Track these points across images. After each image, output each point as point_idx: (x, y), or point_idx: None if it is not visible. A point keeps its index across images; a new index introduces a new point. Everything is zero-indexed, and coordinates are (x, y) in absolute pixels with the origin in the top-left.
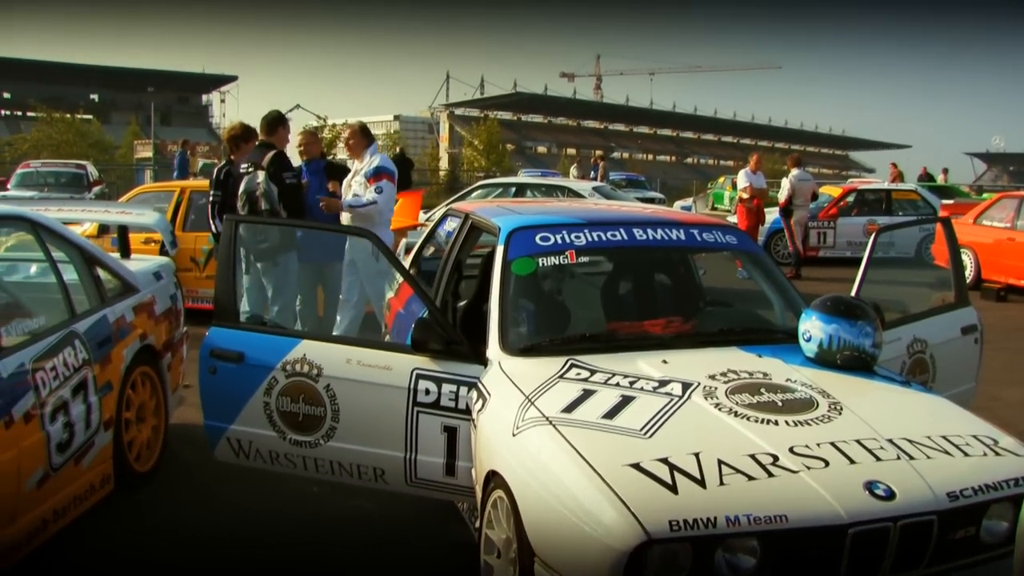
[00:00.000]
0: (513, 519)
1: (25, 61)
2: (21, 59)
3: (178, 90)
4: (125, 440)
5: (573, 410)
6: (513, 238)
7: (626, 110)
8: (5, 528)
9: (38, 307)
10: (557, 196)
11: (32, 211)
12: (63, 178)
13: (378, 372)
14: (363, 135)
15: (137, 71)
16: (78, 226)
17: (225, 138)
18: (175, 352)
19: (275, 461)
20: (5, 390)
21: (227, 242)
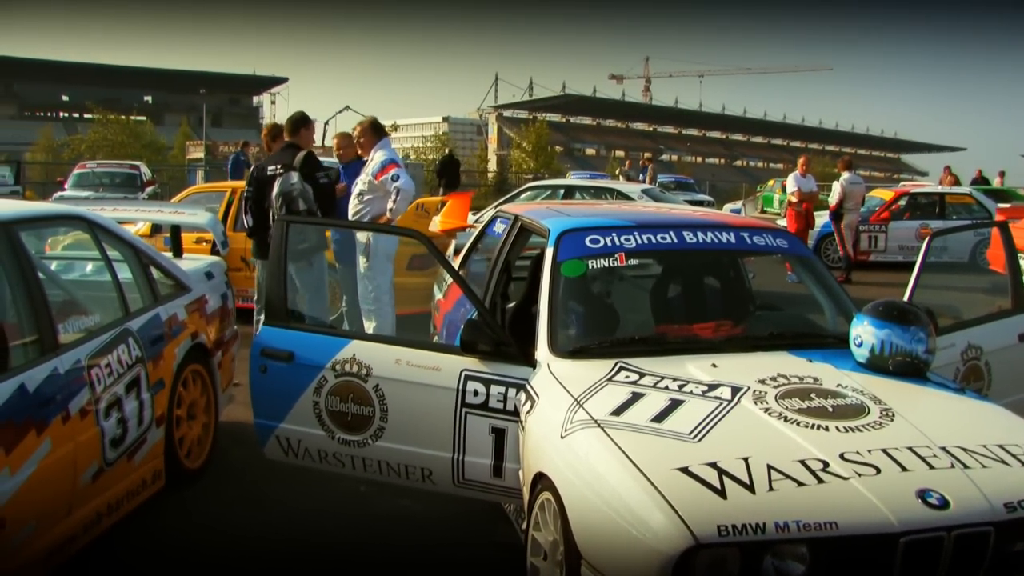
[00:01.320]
0: (560, 521)
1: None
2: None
3: (229, 92)
4: (176, 437)
5: (622, 413)
6: (563, 240)
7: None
8: (62, 520)
9: (93, 305)
10: (606, 198)
11: (88, 211)
12: (117, 178)
13: (427, 373)
14: (373, 131)
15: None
16: (132, 225)
17: (262, 137)
18: (226, 351)
19: (323, 460)
20: (62, 386)
21: (278, 243)
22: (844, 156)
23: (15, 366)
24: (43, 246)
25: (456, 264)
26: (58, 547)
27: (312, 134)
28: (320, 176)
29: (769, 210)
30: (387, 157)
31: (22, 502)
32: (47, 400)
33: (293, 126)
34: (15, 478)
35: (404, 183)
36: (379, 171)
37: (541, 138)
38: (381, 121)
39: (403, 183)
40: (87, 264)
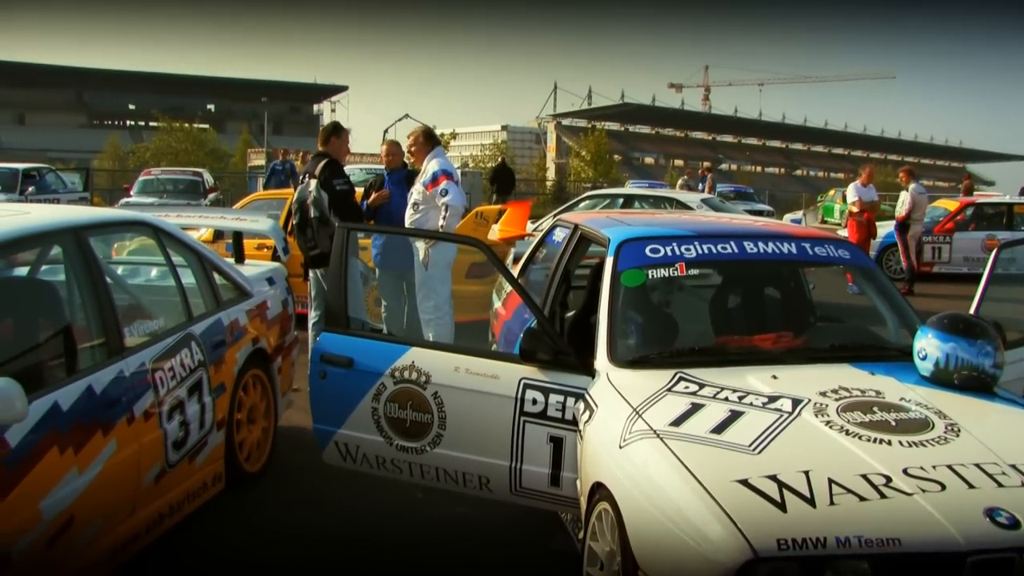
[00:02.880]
0: (618, 532)
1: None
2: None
3: (290, 100)
4: (236, 440)
5: (681, 424)
6: (623, 250)
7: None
8: (126, 519)
9: (158, 309)
10: (665, 208)
11: (154, 217)
12: (181, 185)
13: (486, 381)
14: (426, 140)
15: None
16: (195, 231)
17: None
18: (285, 356)
19: (381, 466)
20: (127, 388)
21: (339, 250)
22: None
23: (83, 368)
24: (110, 251)
25: (515, 272)
26: (122, 545)
27: (344, 144)
28: (337, 183)
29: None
30: (439, 168)
31: (89, 501)
32: (113, 402)
33: (325, 136)
34: (83, 477)
35: (452, 199)
36: (430, 182)
37: (600, 147)
38: (440, 129)
39: (451, 199)
40: (152, 269)
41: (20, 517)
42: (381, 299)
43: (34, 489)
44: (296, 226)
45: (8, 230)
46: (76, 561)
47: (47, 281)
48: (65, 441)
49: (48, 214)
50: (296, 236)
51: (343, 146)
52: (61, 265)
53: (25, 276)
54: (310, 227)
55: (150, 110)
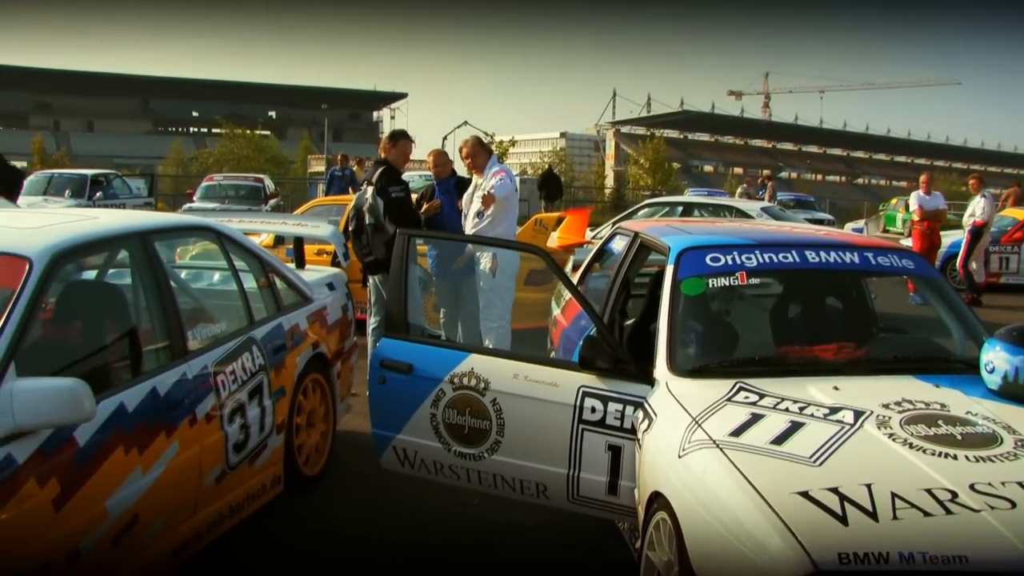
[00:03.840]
0: (675, 542)
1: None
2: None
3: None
4: (295, 444)
5: (741, 434)
6: (683, 258)
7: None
8: (188, 519)
9: (220, 313)
10: (725, 216)
11: (217, 222)
12: (242, 191)
13: (545, 388)
14: (481, 149)
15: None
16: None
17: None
18: (345, 361)
19: (439, 472)
20: (190, 391)
21: (399, 256)
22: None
23: (148, 370)
24: (173, 255)
25: (574, 280)
26: (183, 545)
27: (403, 151)
28: (393, 190)
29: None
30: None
31: (152, 500)
32: (176, 404)
33: (386, 143)
34: (147, 477)
35: (497, 188)
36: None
37: (659, 154)
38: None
39: (496, 187)
40: (214, 273)
41: (88, 514)
42: (440, 305)
43: (101, 487)
44: (352, 232)
45: (78, 235)
46: (139, 559)
47: (114, 284)
48: (130, 441)
49: (116, 219)
50: (352, 242)
51: (403, 153)
52: (127, 269)
53: (93, 279)
54: (365, 234)
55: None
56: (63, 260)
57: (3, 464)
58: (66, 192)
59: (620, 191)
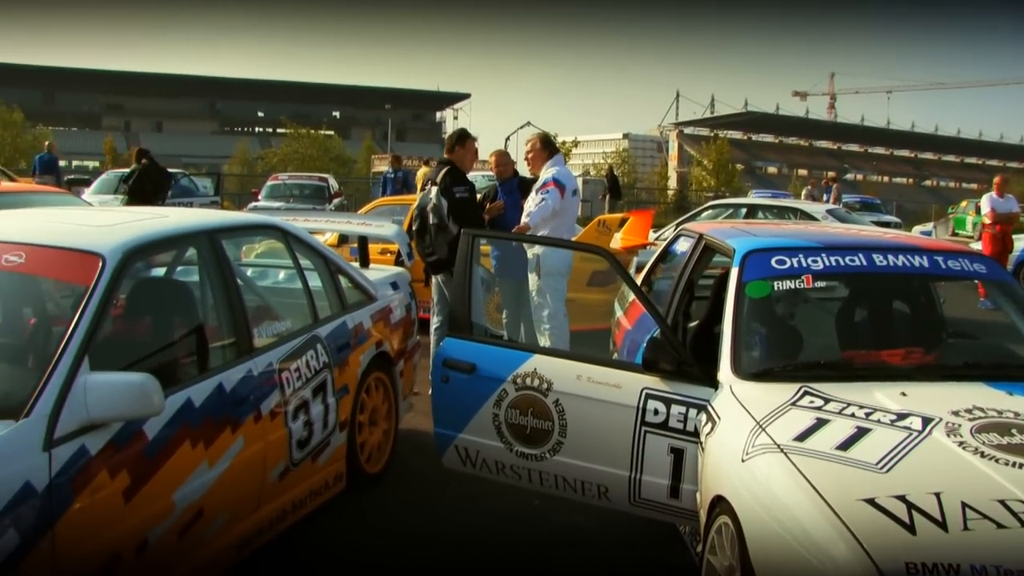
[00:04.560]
0: (738, 547)
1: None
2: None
3: (413, 107)
4: (358, 441)
5: (805, 439)
6: (748, 260)
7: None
8: (251, 514)
9: (285, 311)
10: (789, 218)
11: (284, 220)
12: (307, 190)
13: (607, 390)
14: (543, 147)
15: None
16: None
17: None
18: (408, 360)
19: (500, 472)
20: (255, 387)
21: (463, 256)
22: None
23: (214, 366)
24: (239, 253)
25: (638, 282)
26: (247, 539)
27: (468, 152)
28: (457, 191)
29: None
30: (551, 176)
31: (218, 494)
32: (241, 400)
33: (450, 143)
34: (212, 471)
35: (543, 206)
36: (540, 188)
37: (722, 156)
38: (562, 137)
39: (543, 205)
40: (280, 271)
41: (156, 506)
42: (503, 306)
43: (168, 480)
44: (415, 232)
45: (149, 233)
46: (204, 551)
47: (183, 282)
48: (197, 436)
49: (185, 217)
50: (415, 242)
51: (467, 154)
52: (195, 266)
53: (162, 276)
54: (428, 233)
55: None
56: (134, 257)
57: (77, 455)
58: None
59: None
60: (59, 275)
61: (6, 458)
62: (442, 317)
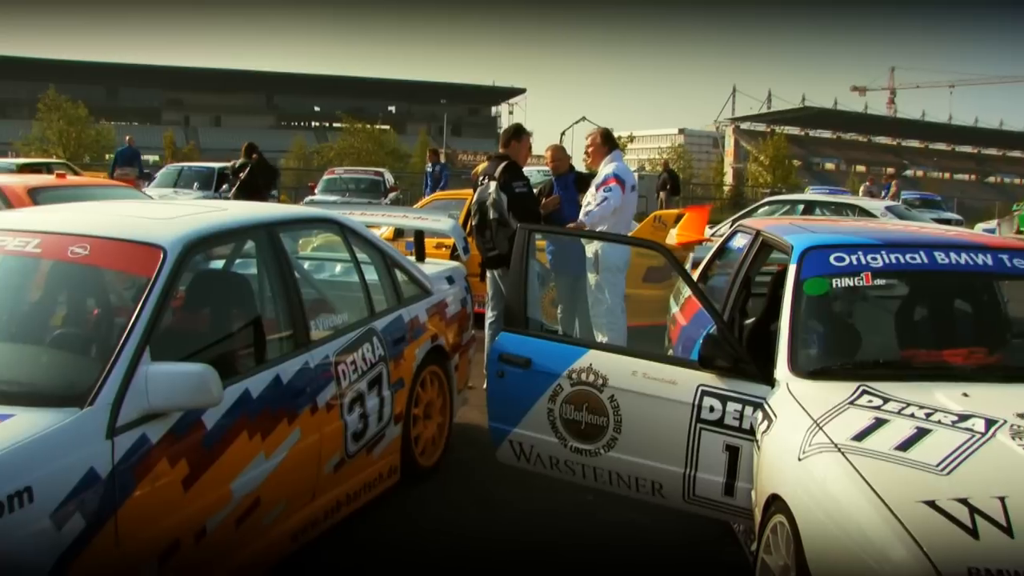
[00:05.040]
0: (793, 546)
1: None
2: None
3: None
4: (412, 435)
5: (864, 439)
6: (807, 257)
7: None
8: (307, 505)
9: (342, 304)
10: (847, 215)
11: (341, 214)
12: (362, 184)
13: (663, 386)
14: (604, 142)
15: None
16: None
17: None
18: (463, 354)
19: (554, 467)
20: (311, 379)
21: (519, 251)
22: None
23: (271, 358)
24: (296, 247)
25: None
26: (302, 529)
27: (524, 147)
28: (517, 186)
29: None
30: (612, 171)
31: (274, 485)
32: (298, 392)
33: (506, 138)
34: (269, 462)
35: (603, 206)
36: (601, 184)
37: (779, 151)
38: (617, 132)
39: (605, 204)
40: (336, 265)
41: (214, 495)
42: (558, 301)
43: (226, 470)
44: (475, 227)
45: (208, 225)
46: (260, 541)
47: (241, 274)
48: (254, 427)
49: (244, 211)
50: (475, 237)
51: (523, 149)
52: (253, 259)
53: (221, 269)
54: (489, 228)
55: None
56: (194, 250)
57: (138, 443)
58: (195, 184)
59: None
60: (122, 267)
61: (71, 445)
62: (497, 312)
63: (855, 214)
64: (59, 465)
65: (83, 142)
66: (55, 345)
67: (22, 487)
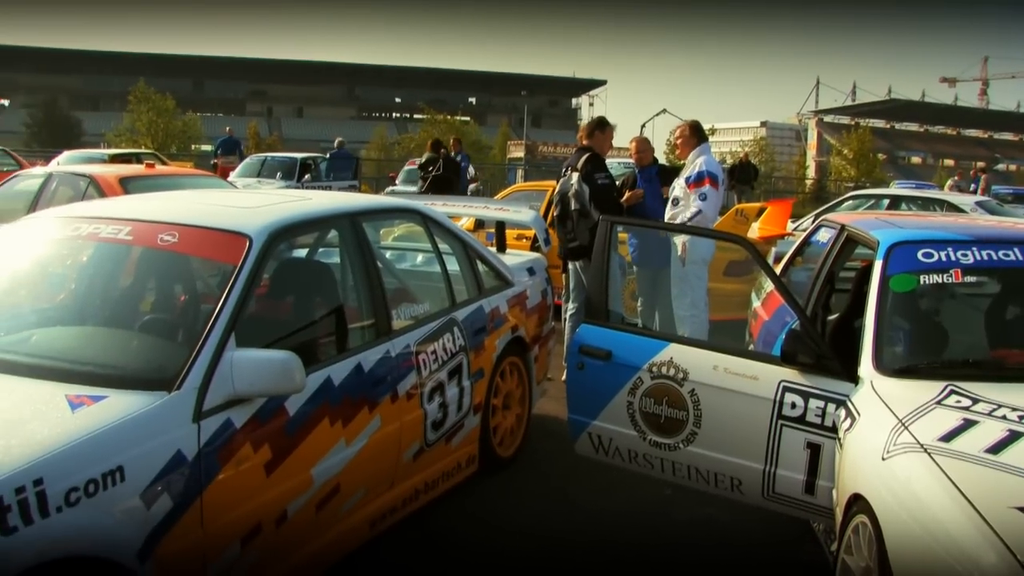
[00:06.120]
0: (876, 548)
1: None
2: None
3: (549, 94)
4: (491, 425)
5: (951, 440)
6: (893, 253)
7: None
8: (385, 492)
9: (423, 294)
10: (935, 210)
11: (423, 205)
12: None
13: (744, 381)
14: (693, 134)
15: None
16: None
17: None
18: (542, 345)
19: (633, 460)
20: (393, 368)
21: (601, 243)
22: None
23: (353, 346)
24: (378, 237)
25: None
26: (380, 517)
27: (607, 139)
28: (599, 177)
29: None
30: (706, 169)
31: (353, 471)
32: (379, 380)
33: (589, 130)
34: (349, 449)
35: (706, 207)
36: (693, 181)
37: (863, 145)
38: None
39: (705, 207)
40: (417, 255)
41: (295, 480)
42: (638, 294)
43: (307, 456)
44: (556, 218)
45: (293, 214)
46: (339, 527)
47: (324, 263)
48: (336, 414)
49: (327, 200)
50: (556, 228)
51: (606, 141)
52: (336, 248)
53: (304, 258)
54: (570, 219)
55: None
56: (279, 238)
57: (223, 427)
58: (277, 174)
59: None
60: (209, 254)
61: (159, 428)
62: (577, 304)
63: (943, 209)
64: (148, 447)
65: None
66: (145, 330)
67: (115, 466)
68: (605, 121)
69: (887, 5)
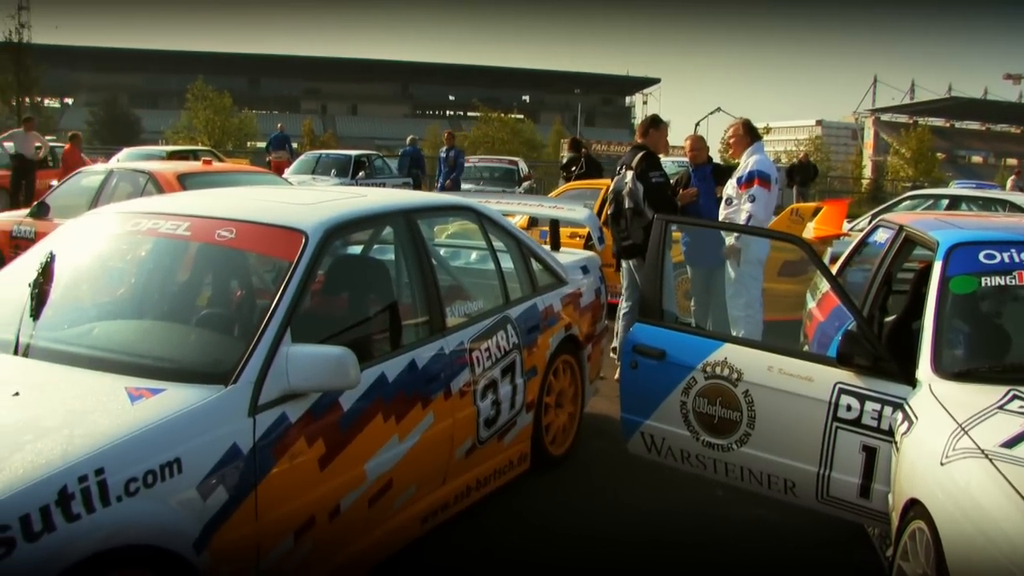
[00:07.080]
0: (933, 554)
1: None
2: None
3: (602, 92)
4: (544, 423)
5: (1014, 446)
6: (954, 254)
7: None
8: (438, 488)
9: (477, 291)
10: (996, 211)
11: (478, 202)
12: (496, 173)
13: (799, 382)
14: (746, 133)
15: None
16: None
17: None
18: (596, 344)
19: (685, 460)
20: (446, 365)
21: (656, 242)
22: None
23: (407, 343)
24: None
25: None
26: (432, 513)
27: (662, 137)
28: (653, 176)
29: None
30: (756, 169)
31: (406, 467)
32: (433, 377)
33: (644, 128)
34: (402, 445)
35: (758, 209)
36: (745, 181)
37: (922, 144)
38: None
39: (756, 209)
40: (472, 252)
41: (348, 475)
42: (691, 294)
43: (361, 451)
44: (611, 216)
45: (348, 211)
46: (391, 521)
47: (379, 259)
48: (389, 410)
49: (382, 197)
50: (610, 226)
51: (661, 139)
52: (391, 245)
53: (359, 254)
54: (624, 218)
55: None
56: (334, 235)
57: (278, 422)
58: (332, 171)
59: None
60: (265, 250)
61: (216, 421)
62: (631, 302)
63: (1005, 210)
64: (205, 439)
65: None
66: (202, 324)
67: (173, 458)
68: (659, 119)
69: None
